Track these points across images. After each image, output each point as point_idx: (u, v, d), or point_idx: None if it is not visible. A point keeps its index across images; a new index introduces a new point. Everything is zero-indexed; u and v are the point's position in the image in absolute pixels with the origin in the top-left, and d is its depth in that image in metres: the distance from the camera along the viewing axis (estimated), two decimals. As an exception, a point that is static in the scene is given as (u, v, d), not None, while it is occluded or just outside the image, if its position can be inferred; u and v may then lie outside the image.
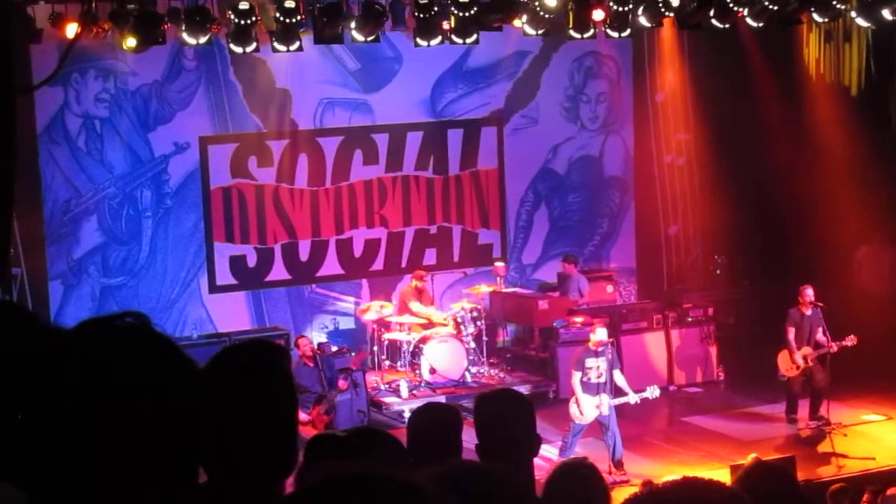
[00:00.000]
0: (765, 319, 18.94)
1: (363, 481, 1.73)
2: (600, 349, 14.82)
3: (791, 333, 16.48)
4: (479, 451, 4.82)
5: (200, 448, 2.11)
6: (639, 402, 14.99)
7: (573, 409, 14.82)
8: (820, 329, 16.39)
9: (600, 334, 14.92)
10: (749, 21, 17.24)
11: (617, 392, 14.87)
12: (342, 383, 15.93)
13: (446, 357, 17.68)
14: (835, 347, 16.10)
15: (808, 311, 16.37)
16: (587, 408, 14.70)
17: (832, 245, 18.68)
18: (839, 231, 18.78)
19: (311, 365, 15.87)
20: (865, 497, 11.37)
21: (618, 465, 14.47)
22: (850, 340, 16.04)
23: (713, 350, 18.92)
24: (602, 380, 14.74)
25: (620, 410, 14.95)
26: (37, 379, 1.97)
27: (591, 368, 14.79)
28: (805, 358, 16.40)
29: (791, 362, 16.52)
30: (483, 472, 3.07)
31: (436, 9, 16.11)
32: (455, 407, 5.54)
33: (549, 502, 4.82)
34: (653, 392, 15.01)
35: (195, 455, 2.09)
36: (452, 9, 16.12)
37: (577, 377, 14.84)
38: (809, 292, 16.37)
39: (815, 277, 17.90)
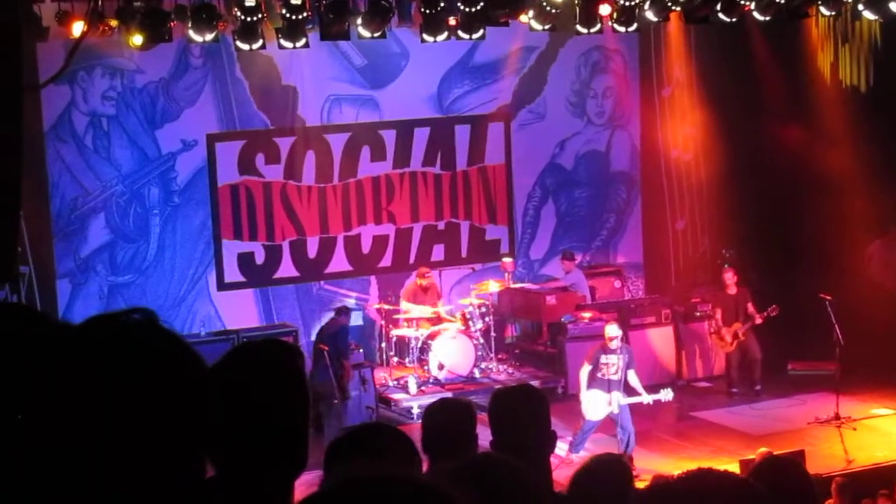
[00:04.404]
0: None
1: (384, 482, 1.72)
2: (613, 345, 14.78)
3: (718, 314, 18.06)
4: (493, 447, 4.78)
5: (206, 445, 2.10)
6: (651, 403, 14.96)
7: (585, 405, 14.80)
8: (749, 304, 17.81)
9: (610, 330, 14.91)
10: (756, 15, 17.21)
11: (630, 392, 14.83)
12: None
13: (455, 353, 17.68)
14: (759, 319, 17.54)
15: (733, 292, 17.94)
16: (598, 403, 14.68)
17: (843, 239, 18.64)
18: (850, 225, 18.75)
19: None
20: (879, 501, 11.35)
21: (628, 460, 14.45)
22: (773, 310, 17.37)
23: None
24: (616, 377, 14.69)
25: (631, 406, 14.91)
26: (43, 379, 1.96)
27: (605, 365, 14.76)
28: (736, 332, 17.82)
29: (723, 340, 17.94)
30: (504, 464, 3.07)
31: (442, 4, 16.09)
32: (471, 403, 5.49)
33: (577, 495, 4.80)
34: (666, 395, 14.97)
35: (201, 451, 2.09)
36: (459, 4, 16.10)
37: (585, 370, 14.82)
38: (728, 276, 18.07)
39: (826, 271, 17.94)
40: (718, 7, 16.88)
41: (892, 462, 14.41)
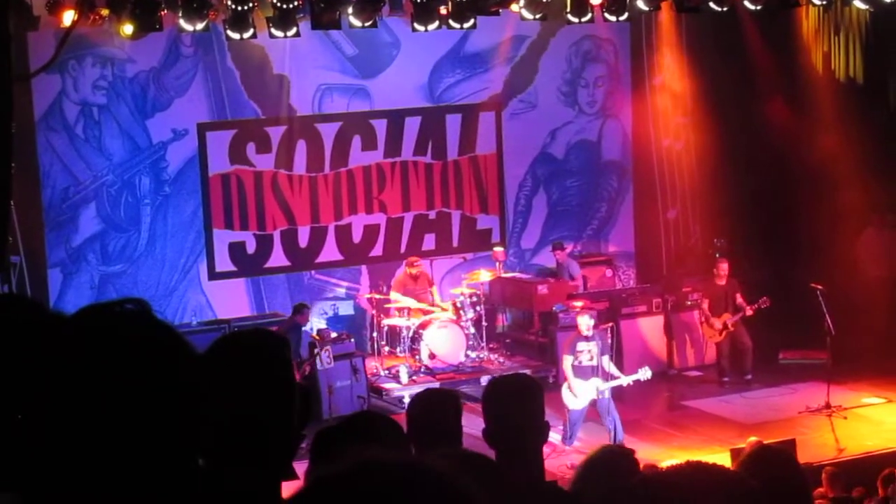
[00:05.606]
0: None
1: (404, 467, 1.65)
2: (589, 333, 14.84)
3: (705, 304, 18.09)
4: (486, 435, 4.77)
5: (201, 435, 2.10)
6: (631, 384, 15.02)
7: (566, 395, 14.84)
8: (738, 295, 17.83)
9: (582, 322, 14.97)
10: (747, 3, 17.22)
11: (608, 377, 14.88)
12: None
13: (446, 342, 17.67)
14: (750, 311, 17.58)
15: (723, 283, 17.91)
16: (581, 392, 14.72)
17: (835, 229, 18.65)
18: (841, 213, 18.76)
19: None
20: (879, 483, 11.37)
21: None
22: (764, 302, 17.46)
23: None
24: (594, 363, 14.79)
25: (620, 395, 14.96)
26: (37, 369, 1.96)
27: (581, 352, 14.83)
28: (725, 323, 17.87)
29: (712, 329, 17.96)
30: (483, 461, 3.06)
31: (433, -7, 16.09)
32: (455, 392, 5.47)
33: (584, 486, 4.79)
34: (644, 374, 15.03)
35: (196, 442, 2.09)
36: (450, -7, 16.10)
37: (568, 361, 14.90)
38: (724, 266, 18.00)
39: (817, 261, 17.96)
40: (709, -4, 16.89)
41: (883, 451, 14.43)
